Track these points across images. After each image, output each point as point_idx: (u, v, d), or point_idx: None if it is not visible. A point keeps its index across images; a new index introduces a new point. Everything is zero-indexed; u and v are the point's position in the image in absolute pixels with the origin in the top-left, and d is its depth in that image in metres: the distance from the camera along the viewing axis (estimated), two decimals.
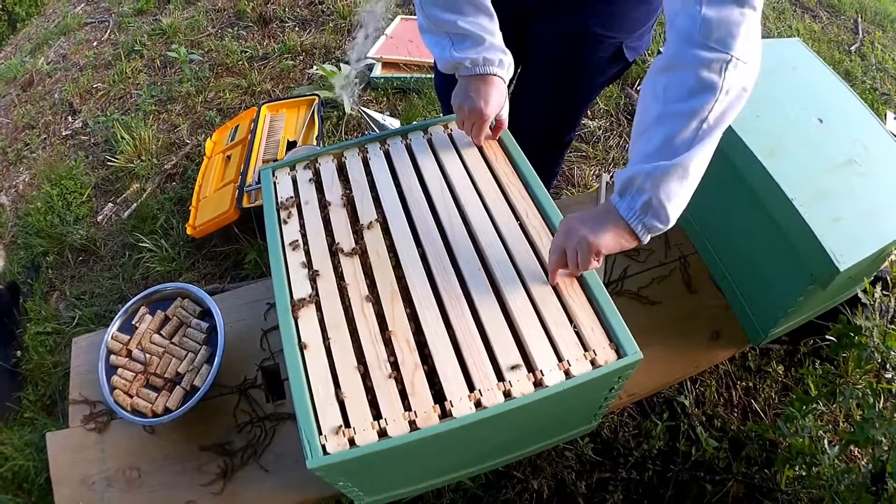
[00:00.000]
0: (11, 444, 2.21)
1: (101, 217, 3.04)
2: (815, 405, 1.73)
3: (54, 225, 3.00)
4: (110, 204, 3.09)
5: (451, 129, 1.65)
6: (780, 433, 1.77)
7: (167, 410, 1.61)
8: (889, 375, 1.61)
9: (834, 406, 2.00)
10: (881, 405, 1.57)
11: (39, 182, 3.27)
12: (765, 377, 2.15)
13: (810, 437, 1.67)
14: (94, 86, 3.90)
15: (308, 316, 1.31)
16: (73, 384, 1.81)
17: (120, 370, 1.67)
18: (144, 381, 1.66)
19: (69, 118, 3.73)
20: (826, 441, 1.65)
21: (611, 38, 1.68)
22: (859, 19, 4.22)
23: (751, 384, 2.15)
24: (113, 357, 1.69)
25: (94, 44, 4.32)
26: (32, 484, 2.13)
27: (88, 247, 2.90)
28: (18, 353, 2.54)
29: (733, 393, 2.13)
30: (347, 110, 3.28)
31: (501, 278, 1.33)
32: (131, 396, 1.63)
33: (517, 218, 1.45)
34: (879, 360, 1.59)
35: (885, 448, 1.50)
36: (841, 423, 2.02)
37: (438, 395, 1.18)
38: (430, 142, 1.63)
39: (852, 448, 1.86)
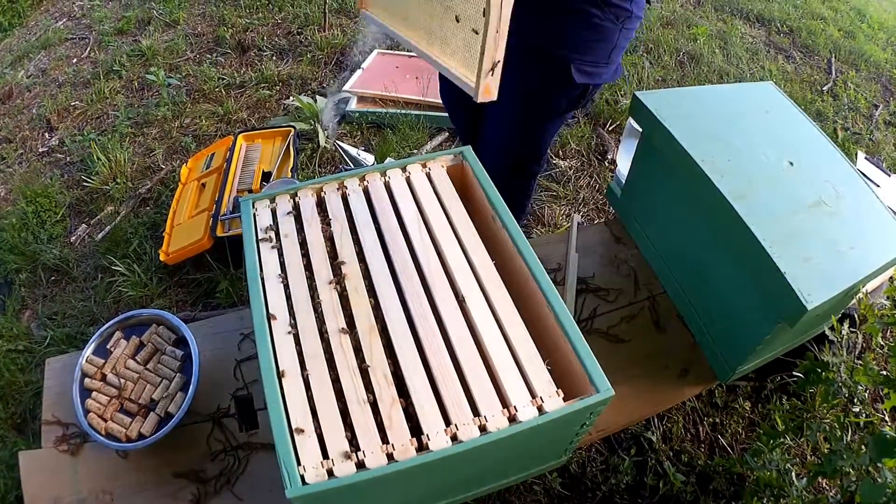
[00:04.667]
0: None
1: (74, 238, 3.02)
2: (782, 439, 1.76)
3: (28, 242, 2.97)
4: (84, 225, 3.08)
5: (428, 168, 1.67)
6: (747, 467, 1.79)
7: (141, 436, 1.61)
8: (857, 409, 1.65)
9: (801, 440, 2.03)
10: (849, 438, 1.60)
11: (15, 197, 3.25)
12: (732, 413, 2.19)
13: (778, 469, 1.69)
14: (73, 104, 3.88)
15: (287, 347, 1.32)
16: (46, 405, 1.79)
17: (94, 394, 1.66)
18: (119, 405, 1.66)
19: (46, 135, 3.71)
20: (794, 473, 1.68)
21: (548, 51, 1.69)
22: (833, 59, 4.33)
23: (718, 420, 2.18)
24: (87, 380, 1.68)
25: (74, 60, 4.30)
26: (3, 501, 2.10)
27: (61, 267, 2.88)
28: None
29: (700, 429, 2.16)
30: (322, 143, 3.30)
31: (477, 316, 1.35)
32: (105, 420, 1.62)
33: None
34: (847, 395, 1.63)
35: (854, 479, 1.53)
36: (808, 457, 2.05)
37: (415, 429, 1.20)
38: (408, 180, 1.65)
39: (820, 479, 1.89)
